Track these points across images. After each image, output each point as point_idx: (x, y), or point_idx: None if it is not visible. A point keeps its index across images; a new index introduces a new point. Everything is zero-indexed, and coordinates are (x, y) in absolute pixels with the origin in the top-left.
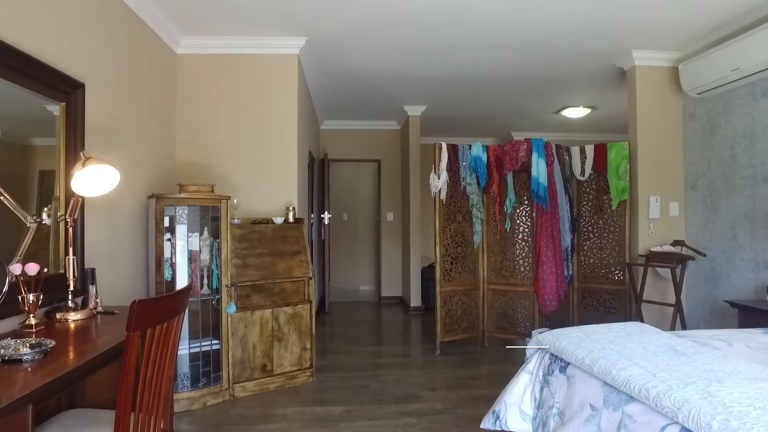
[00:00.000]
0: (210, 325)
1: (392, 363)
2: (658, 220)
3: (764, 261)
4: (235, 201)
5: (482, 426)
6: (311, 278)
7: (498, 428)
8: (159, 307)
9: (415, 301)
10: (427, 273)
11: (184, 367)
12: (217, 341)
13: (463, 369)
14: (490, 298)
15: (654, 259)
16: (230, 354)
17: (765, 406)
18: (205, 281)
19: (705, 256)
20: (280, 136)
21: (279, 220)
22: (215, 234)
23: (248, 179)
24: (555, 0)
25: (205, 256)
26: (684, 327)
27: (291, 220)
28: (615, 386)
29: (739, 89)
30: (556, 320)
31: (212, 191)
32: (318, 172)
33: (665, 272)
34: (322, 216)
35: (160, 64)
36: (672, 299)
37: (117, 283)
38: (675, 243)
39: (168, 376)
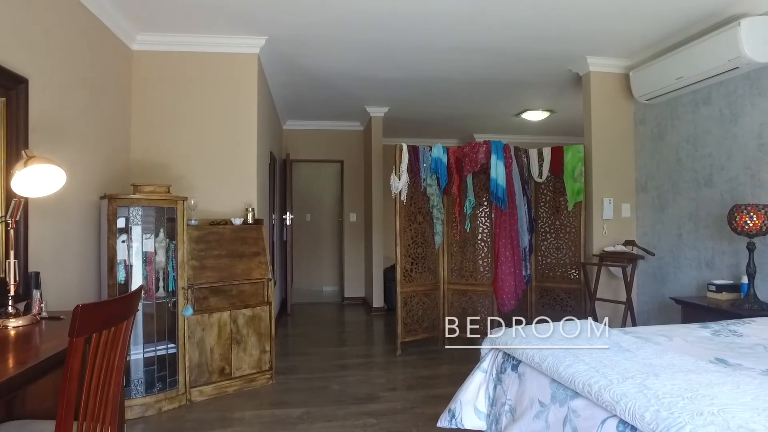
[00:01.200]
0: (166, 328)
1: (353, 364)
2: (611, 220)
3: (705, 259)
4: (192, 202)
5: (439, 424)
6: (271, 280)
7: (454, 426)
8: (105, 311)
9: (378, 301)
10: (390, 273)
11: (138, 372)
12: (173, 345)
13: (424, 369)
14: (450, 298)
15: (607, 258)
16: (187, 358)
17: (692, 396)
18: (161, 283)
19: (654, 255)
20: (239, 136)
21: (238, 221)
22: (171, 235)
23: (207, 179)
24: (514, 6)
25: (160, 257)
26: (634, 323)
27: (250, 221)
28: (562, 383)
29: (683, 97)
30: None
31: (168, 192)
32: (280, 173)
33: (617, 271)
34: (284, 216)
35: (113, 60)
36: (624, 297)
37: (66, 287)
38: (627, 243)
39: (116, 382)
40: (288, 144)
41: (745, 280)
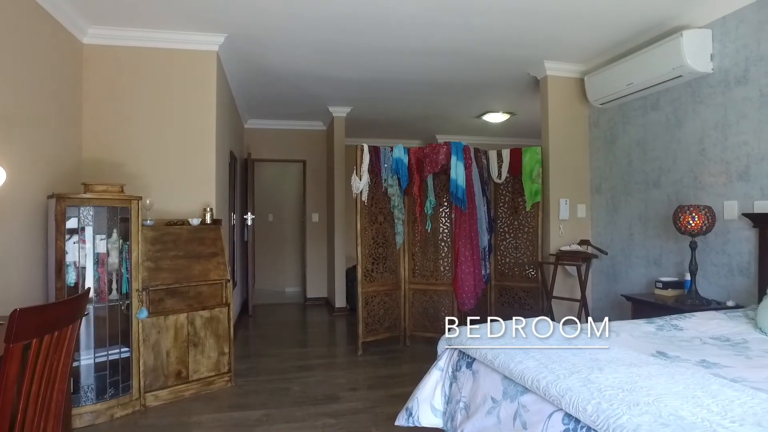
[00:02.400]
0: (119, 331)
1: (314, 364)
2: (567, 221)
3: (654, 258)
4: (147, 201)
5: (396, 423)
6: (229, 281)
7: (411, 424)
8: (46, 315)
9: (340, 301)
10: (352, 273)
11: (88, 378)
12: (126, 349)
13: (384, 368)
14: (411, 298)
15: (563, 257)
16: (141, 361)
17: (631, 388)
18: (114, 286)
19: (607, 254)
20: (197, 135)
21: (195, 222)
22: (125, 236)
23: (163, 179)
24: (472, 10)
25: (114, 259)
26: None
27: (208, 221)
28: (513, 379)
29: (633, 102)
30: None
31: (122, 191)
32: (241, 172)
33: (573, 270)
34: (245, 217)
35: (62, 53)
36: (579, 295)
37: (9, 290)
38: (581, 242)
39: (60, 389)
40: (250, 143)
41: (688, 277)
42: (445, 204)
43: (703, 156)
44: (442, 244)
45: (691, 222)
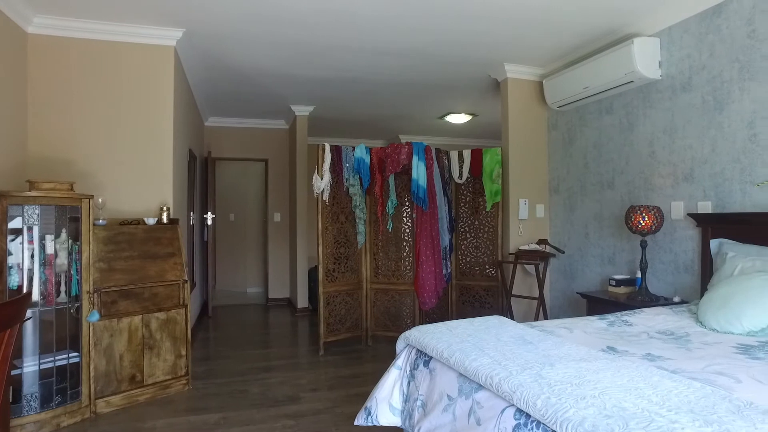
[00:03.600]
0: (68, 336)
1: (275, 366)
2: (526, 220)
3: (608, 256)
4: (99, 200)
5: (355, 423)
6: (187, 281)
7: (370, 423)
8: None
9: (302, 302)
10: (314, 273)
11: (32, 386)
12: (75, 354)
13: (346, 368)
14: (373, 297)
15: (522, 256)
16: (92, 367)
17: (579, 382)
18: (63, 288)
19: (564, 253)
20: (153, 132)
21: (151, 221)
22: (76, 236)
23: (117, 177)
24: (433, 11)
25: (62, 260)
26: (546, 317)
27: (165, 220)
28: (468, 376)
29: (590, 105)
30: (436, 317)
31: (71, 189)
32: (201, 171)
33: (532, 268)
34: (205, 216)
35: (1, 41)
36: (538, 293)
37: None
38: (540, 241)
39: None
40: (210, 141)
41: (639, 274)
42: (407, 204)
43: (653, 158)
44: (404, 243)
45: (641, 222)
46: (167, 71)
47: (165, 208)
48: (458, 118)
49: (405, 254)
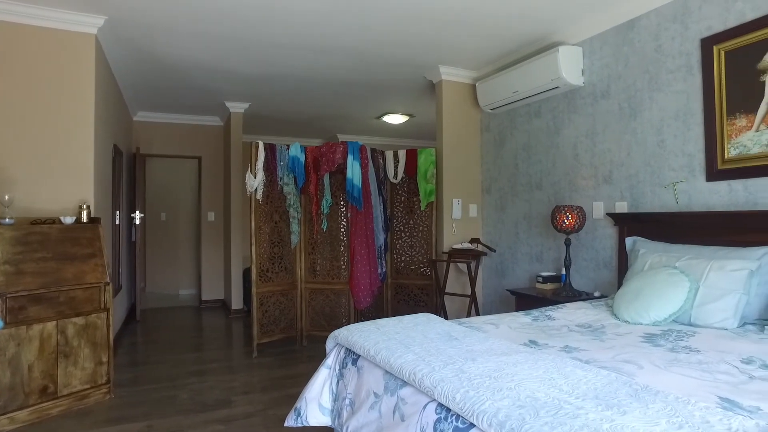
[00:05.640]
0: None
1: (206, 369)
2: (460, 220)
3: (536, 254)
4: (6, 197)
5: (286, 424)
6: (109, 284)
7: (300, 424)
8: None
9: (237, 303)
10: (249, 274)
11: None
12: None
13: (280, 369)
14: (308, 297)
15: (455, 255)
16: None
17: (498, 375)
18: None
19: (495, 251)
20: (72, 125)
21: (69, 220)
22: None
23: (29, 172)
24: (368, 10)
25: None
26: (477, 314)
27: (85, 219)
28: (393, 373)
29: (519, 108)
30: (372, 315)
31: None
32: (128, 168)
33: (464, 267)
34: (132, 215)
35: None
36: (470, 291)
37: None
38: (472, 240)
39: None
40: (139, 137)
41: (564, 271)
42: (342, 203)
43: (576, 161)
44: (340, 243)
45: (565, 221)
46: (87, 60)
47: (85, 207)
48: (395, 119)
49: (340, 253)
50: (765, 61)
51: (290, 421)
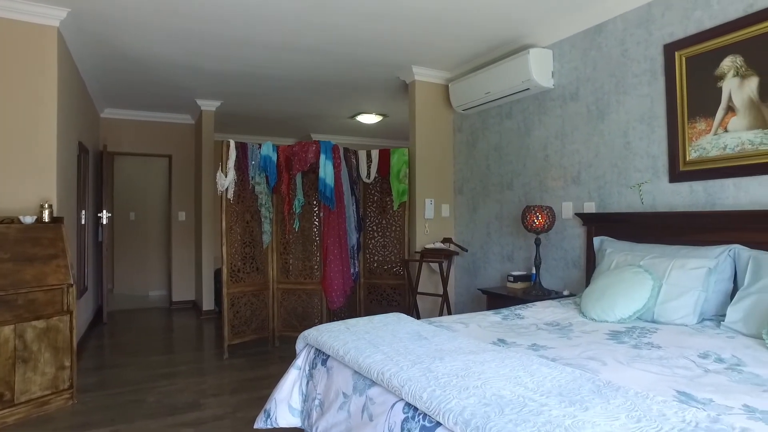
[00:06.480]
0: None
1: (175, 372)
2: (432, 220)
3: (507, 254)
4: None
5: (255, 426)
6: (72, 285)
7: (269, 426)
8: None
9: (208, 304)
10: (221, 275)
11: None
12: None
13: (251, 371)
14: (280, 298)
15: (427, 255)
16: None
17: (465, 374)
18: None
19: (467, 251)
20: (32, 120)
21: (29, 220)
22: None
23: None
24: (340, 10)
25: None
26: (450, 314)
27: (47, 219)
28: (362, 373)
29: (491, 110)
30: (345, 316)
31: None
32: (95, 166)
33: (437, 266)
34: (99, 215)
35: None
36: (442, 290)
37: None
38: (444, 240)
39: None
40: (107, 134)
41: (534, 270)
42: (315, 203)
43: (546, 162)
44: (312, 243)
45: (535, 221)
46: (49, 54)
47: (47, 206)
48: (369, 119)
49: (313, 253)
50: (722, 68)
51: (260, 423)
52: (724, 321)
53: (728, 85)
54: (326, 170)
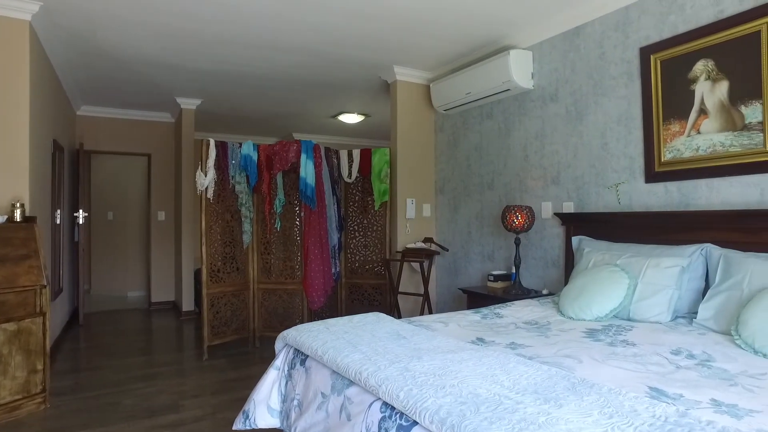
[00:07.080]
0: None
1: (153, 373)
2: (413, 219)
3: (488, 253)
4: None
5: (234, 427)
6: (45, 286)
7: (248, 427)
8: None
9: (188, 305)
10: (201, 275)
11: None
12: None
13: (231, 371)
14: (261, 298)
15: (408, 254)
16: None
17: (442, 373)
18: None
19: (448, 250)
20: (3, 118)
21: (0, 220)
22: None
23: None
24: (321, 9)
25: None
26: (431, 313)
27: (18, 218)
28: (340, 372)
29: (472, 110)
30: (326, 316)
31: None
32: (71, 165)
33: (418, 266)
34: (75, 214)
35: None
36: (423, 290)
37: None
38: (426, 240)
39: None
40: (84, 133)
41: (514, 270)
42: (296, 202)
43: (526, 162)
44: (293, 242)
45: (515, 221)
46: (20, 49)
47: (18, 205)
48: (351, 118)
49: (294, 253)
50: (695, 72)
51: (238, 424)
52: (696, 318)
53: (701, 88)
54: (307, 170)
